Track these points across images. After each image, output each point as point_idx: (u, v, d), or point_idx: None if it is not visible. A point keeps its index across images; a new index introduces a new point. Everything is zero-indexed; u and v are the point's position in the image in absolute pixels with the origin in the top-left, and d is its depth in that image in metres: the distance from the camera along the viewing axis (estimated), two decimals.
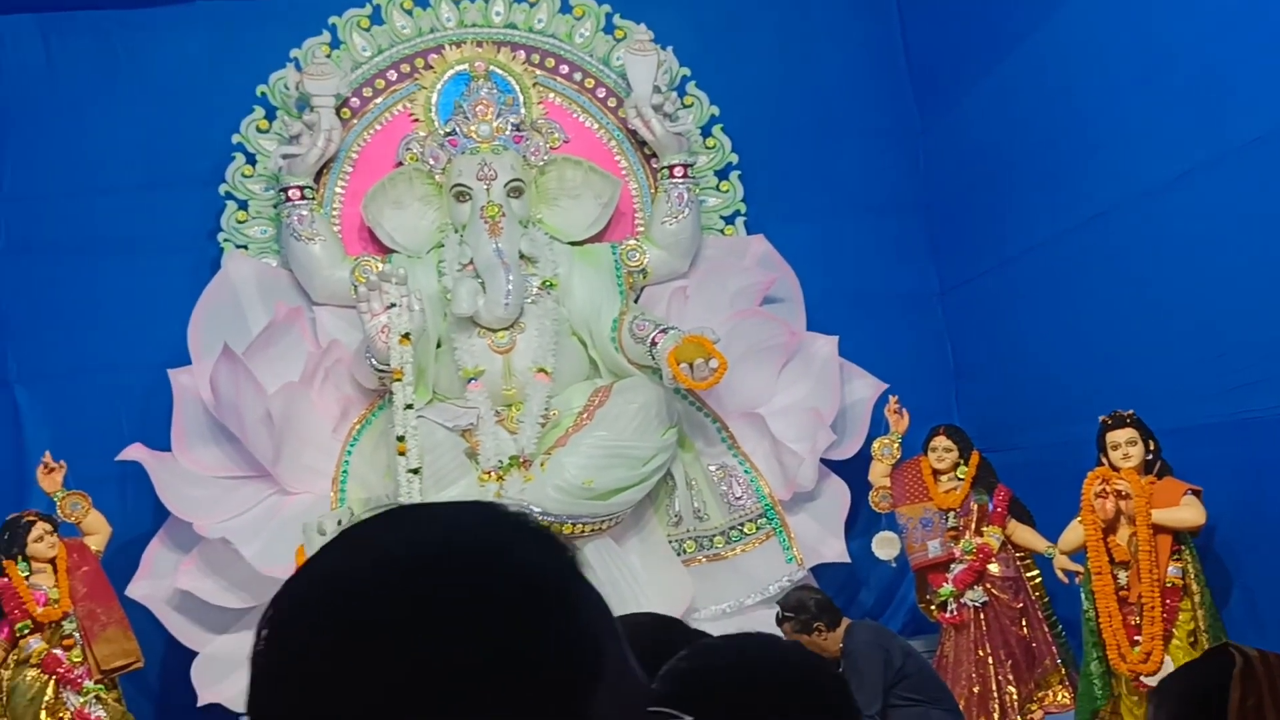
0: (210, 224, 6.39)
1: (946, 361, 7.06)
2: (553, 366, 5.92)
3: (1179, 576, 4.52)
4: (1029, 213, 6.28)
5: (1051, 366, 6.12)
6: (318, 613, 0.79)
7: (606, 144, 6.58)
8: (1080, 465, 5.77)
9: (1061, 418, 6.02)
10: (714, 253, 6.50)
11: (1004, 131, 6.47)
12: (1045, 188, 6.15)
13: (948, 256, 7.06)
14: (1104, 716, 4.71)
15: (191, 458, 5.83)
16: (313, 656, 0.77)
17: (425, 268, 6.09)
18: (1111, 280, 5.65)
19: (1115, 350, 5.60)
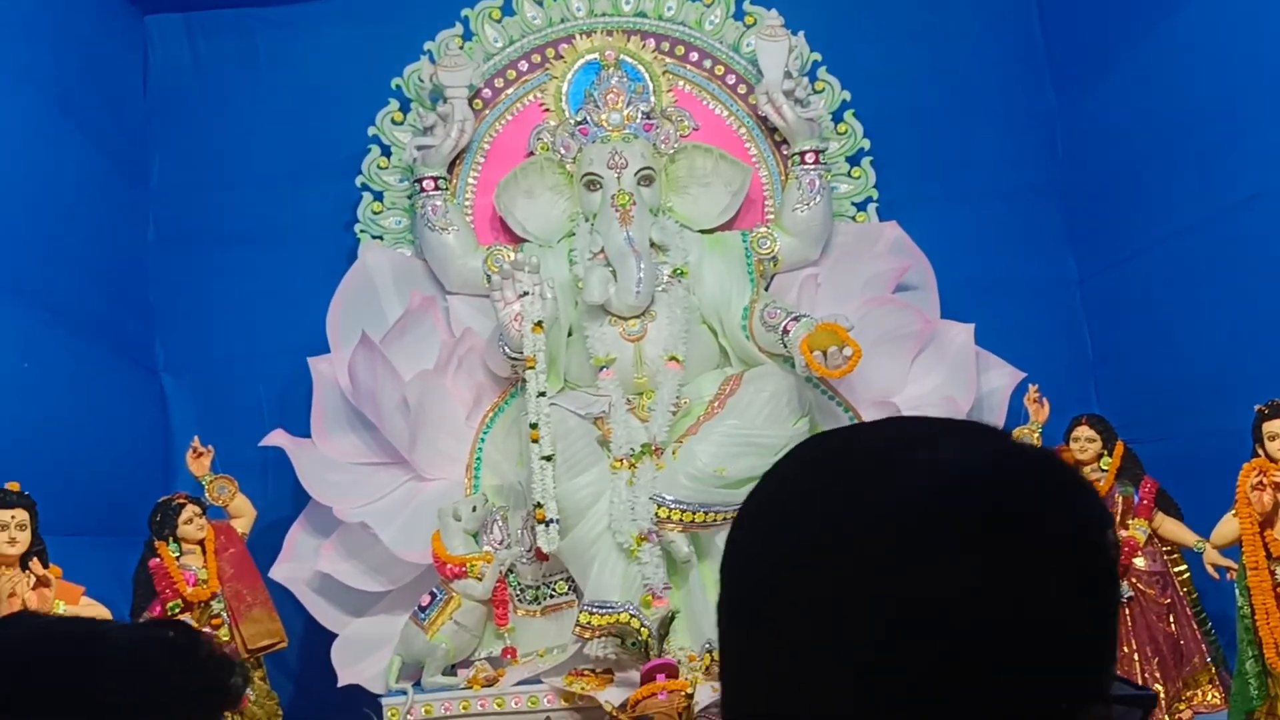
0: (347, 215, 6.51)
1: (1085, 349, 6.88)
2: (684, 354, 5.91)
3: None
4: (1173, 197, 6.08)
5: (1199, 354, 5.92)
6: None
7: (736, 131, 6.54)
8: (1231, 456, 5.57)
9: (1209, 407, 5.82)
10: (845, 239, 6.42)
11: (1146, 113, 6.26)
12: (1191, 171, 5.93)
13: (1086, 242, 6.87)
14: (1259, 718, 4.54)
15: (330, 444, 5.96)
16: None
17: (557, 256, 6.12)
18: (1265, 264, 5.43)
19: (1268, 337, 5.39)
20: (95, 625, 1.06)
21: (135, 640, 1.05)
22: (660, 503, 5.47)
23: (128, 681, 0.98)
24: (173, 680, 1.01)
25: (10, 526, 4.23)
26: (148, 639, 1.05)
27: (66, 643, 1.00)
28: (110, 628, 1.06)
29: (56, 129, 5.63)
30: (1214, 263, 5.82)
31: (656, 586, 5.37)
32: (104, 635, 1.03)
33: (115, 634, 1.04)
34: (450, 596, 5.41)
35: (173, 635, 1.06)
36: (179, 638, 1.06)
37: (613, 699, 5.05)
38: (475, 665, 5.46)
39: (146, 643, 1.05)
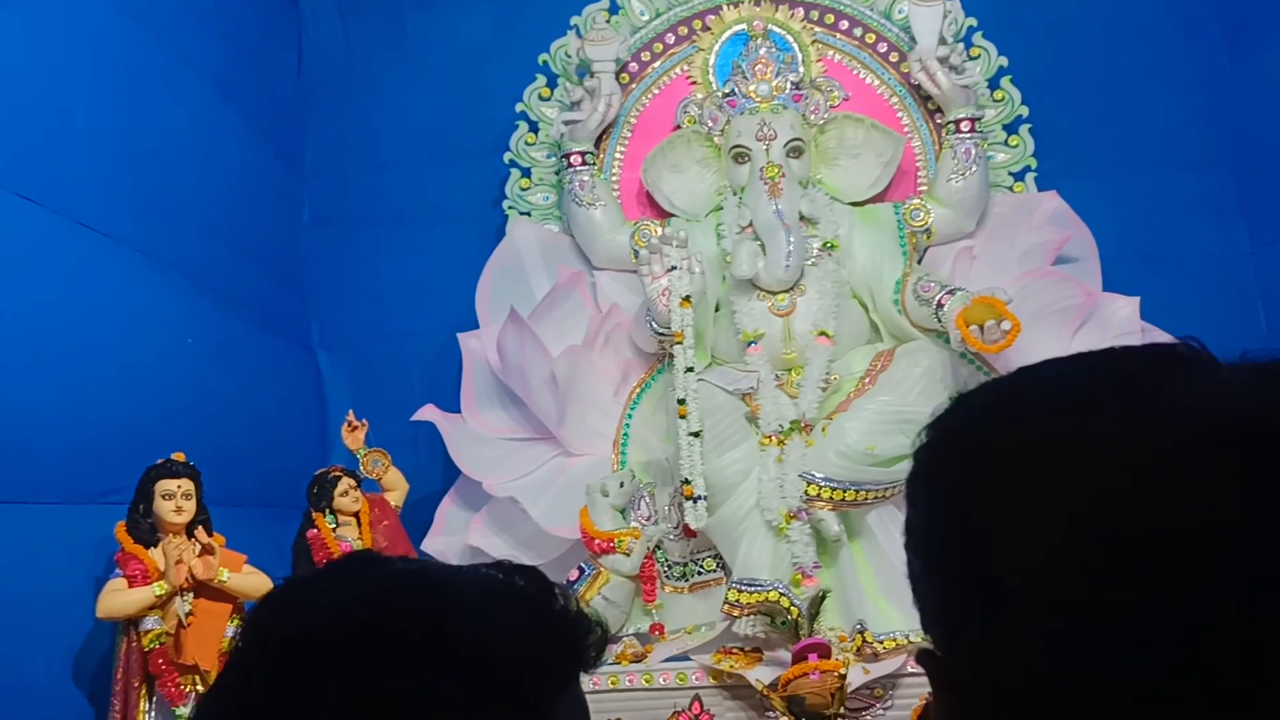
0: (495, 192, 6.55)
1: (1258, 324, 6.51)
2: (834, 329, 5.78)
3: None
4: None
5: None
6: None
7: (888, 100, 6.37)
8: None
9: None
10: (1002, 210, 6.20)
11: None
12: None
13: (1260, 212, 6.50)
14: None
15: (480, 419, 6.01)
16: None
17: (704, 231, 6.05)
18: None
19: None
20: (443, 568, 0.93)
21: (486, 587, 0.90)
22: (810, 480, 5.36)
23: (483, 635, 0.85)
24: (528, 636, 0.86)
25: (177, 495, 4.35)
26: (500, 587, 0.90)
27: (418, 585, 0.88)
28: (454, 571, 0.92)
29: (216, 113, 5.78)
30: None
31: (806, 565, 5.28)
32: (454, 581, 0.90)
33: (462, 580, 0.91)
34: (598, 572, 5.40)
35: (523, 583, 0.91)
36: (530, 586, 0.91)
37: (762, 678, 4.97)
38: (623, 641, 5.44)
39: (500, 590, 0.90)
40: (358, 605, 0.86)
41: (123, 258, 4.77)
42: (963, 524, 0.77)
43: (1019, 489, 0.74)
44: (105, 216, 4.66)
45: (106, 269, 4.64)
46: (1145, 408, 0.73)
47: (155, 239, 5.02)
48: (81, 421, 4.33)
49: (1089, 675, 0.69)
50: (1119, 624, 0.68)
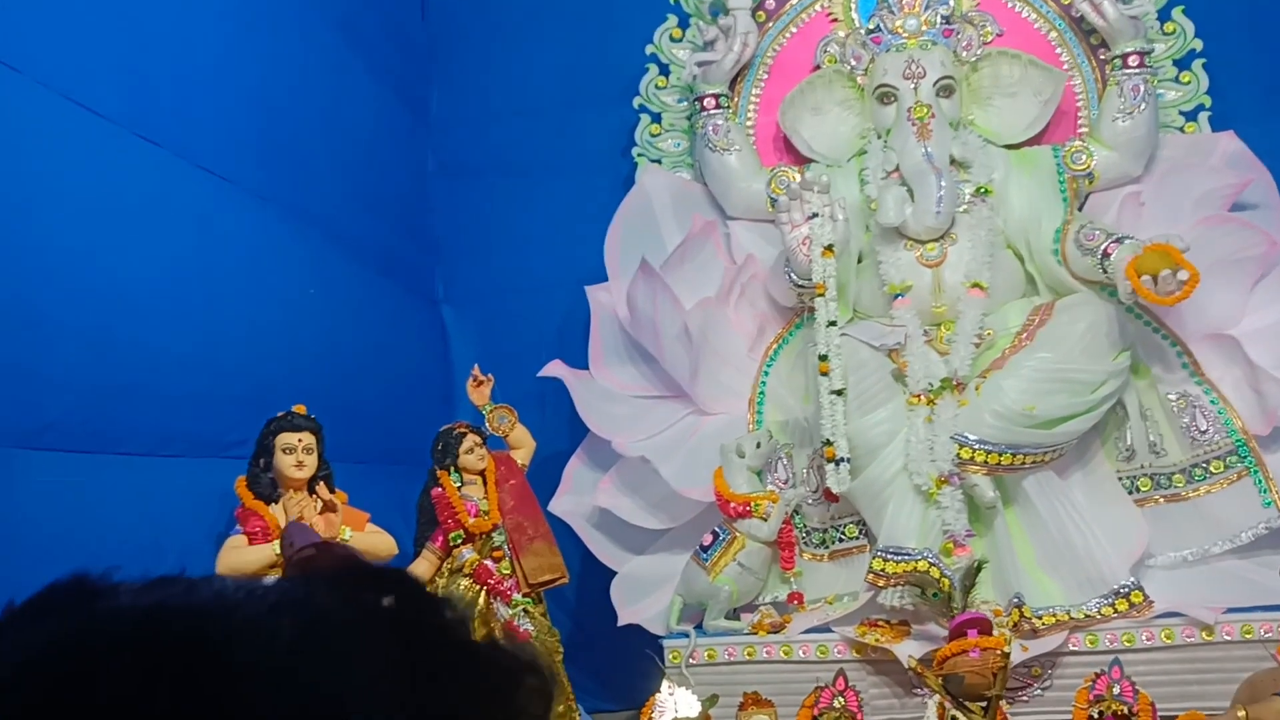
0: (624, 140, 6.27)
1: None
2: (988, 281, 5.39)
3: None
4: None
5: None
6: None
7: (1047, 35, 5.91)
8: None
9: None
10: (1173, 153, 5.71)
11: None
12: None
13: None
14: None
15: (608, 375, 5.77)
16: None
17: (846, 176, 5.69)
18: None
19: None
20: (219, 594, 0.60)
21: (300, 628, 0.56)
22: (963, 442, 5.01)
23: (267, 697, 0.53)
24: (389, 694, 0.54)
25: (298, 450, 4.19)
26: (329, 622, 0.57)
27: (156, 633, 0.56)
28: (240, 602, 0.59)
29: (341, 58, 5.61)
30: None
31: (958, 533, 4.93)
32: (234, 623, 0.57)
33: (250, 616, 0.58)
34: (734, 537, 5.14)
35: (389, 604, 0.58)
36: (406, 609, 0.59)
37: (912, 653, 4.65)
38: (760, 610, 5.18)
39: (327, 628, 0.56)
40: (50, 663, 0.57)
41: (246, 204, 4.61)
42: None
43: None
44: (228, 161, 4.50)
45: (229, 215, 4.48)
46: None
47: (279, 186, 4.86)
48: (204, 372, 4.19)
49: None
50: None
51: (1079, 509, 5.12)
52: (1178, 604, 4.89)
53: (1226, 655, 4.72)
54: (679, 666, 5.01)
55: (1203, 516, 5.14)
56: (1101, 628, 4.85)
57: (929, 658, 4.47)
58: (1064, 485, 5.16)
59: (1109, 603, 4.88)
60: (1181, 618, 4.84)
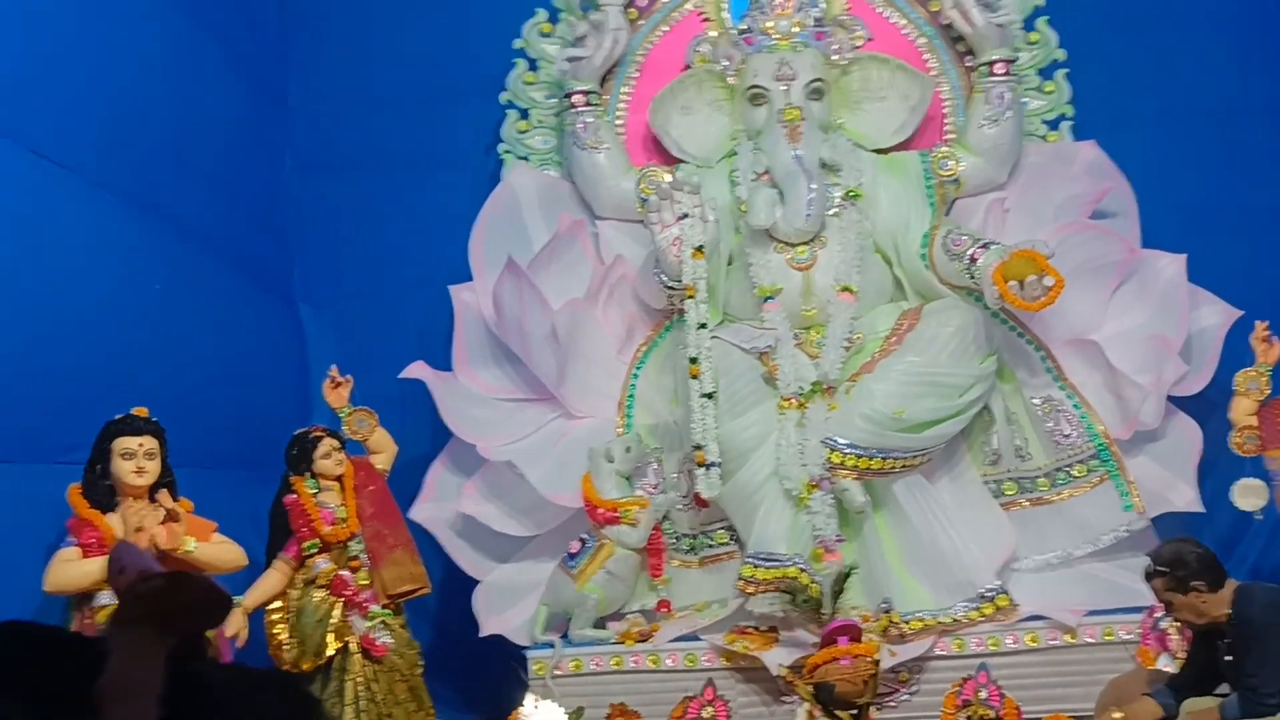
0: (490, 136, 6.09)
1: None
2: (857, 285, 5.37)
3: None
4: None
5: None
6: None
7: (915, 41, 5.93)
8: None
9: None
10: (1036, 160, 5.77)
11: None
12: None
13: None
14: None
15: (473, 377, 5.60)
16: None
17: (717, 177, 5.62)
18: None
19: None
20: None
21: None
22: (833, 446, 4.97)
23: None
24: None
25: (138, 455, 3.93)
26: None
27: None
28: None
29: (192, 42, 5.32)
30: None
31: (828, 538, 4.89)
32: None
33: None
34: (602, 544, 5.02)
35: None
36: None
37: (781, 660, 4.59)
38: (628, 619, 5.07)
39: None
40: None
41: (84, 193, 4.31)
42: None
43: None
44: (65, 147, 4.19)
45: (65, 204, 4.17)
46: None
47: (121, 174, 4.55)
48: (36, 371, 3.88)
49: None
50: None
51: (946, 513, 5.13)
52: (1042, 607, 4.93)
53: (1089, 657, 4.77)
54: (544, 678, 4.86)
55: (1066, 520, 5.20)
56: (968, 632, 4.86)
57: (799, 665, 4.41)
58: (932, 489, 5.17)
59: (975, 607, 4.89)
60: (1045, 621, 4.88)
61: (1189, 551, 3.74)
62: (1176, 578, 3.70)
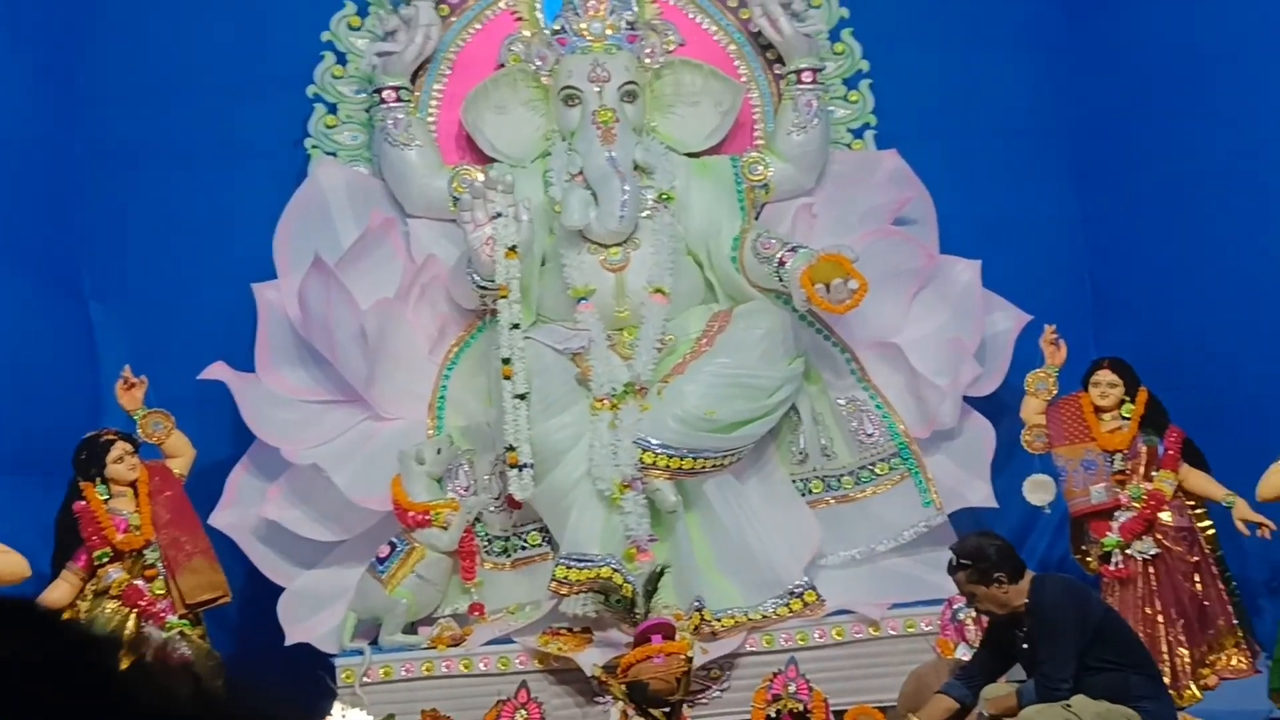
0: (297, 131, 5.91)
1: (1085, 294, 6.49)
2: (670, 287, 5.42)
3: None
4: (1186, 134, 5.71)
5: (1210, 299, 5.57)
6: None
7: (726, 48, 6.02)
8: (1250, 406, 5.25)
9: (1224, 355, 5.49)
10: (842, 168, 5.94)
11: (1159, 47, 5.88)
12: (1205, 107, 5.57)
13: (1091, 180, 6.45)
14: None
15: (277, 378, 5.42)
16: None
17: (530, 177, 5.59)
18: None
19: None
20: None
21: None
22: (645, 447, 5.00)
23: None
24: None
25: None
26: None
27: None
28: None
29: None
30: (1229, 204, 5.48)
31: (641, 538, 4.92)
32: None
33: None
34: (412, 547, 4.92)
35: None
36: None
37: (595, 661, 4.58)
38: (439, 623, 4.98)
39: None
40: None
41: None
42: None
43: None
44: None
45: None
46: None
47: None
48: None
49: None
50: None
51: (755, 512, 5.21)
52: (847, 602, 5.06)
53: (892, 649, 4.92)
54: (352, 686, 4.75)
55: (869, 517, 5.35)
56: (777, 628, 4.95)
57: (612, 665, 4.42)
58: (741, 489, 5.25)
59: (784, 603, 4.98)
60: (851, 615, 5.01)
61: (989, 545, 3.90)
62: (979, 570, 3.85)
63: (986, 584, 3.84)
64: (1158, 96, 5.88)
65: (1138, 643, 4.03)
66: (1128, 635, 3.97)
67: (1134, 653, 3.88)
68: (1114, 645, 3.81)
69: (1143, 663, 3.89)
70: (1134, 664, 3.82)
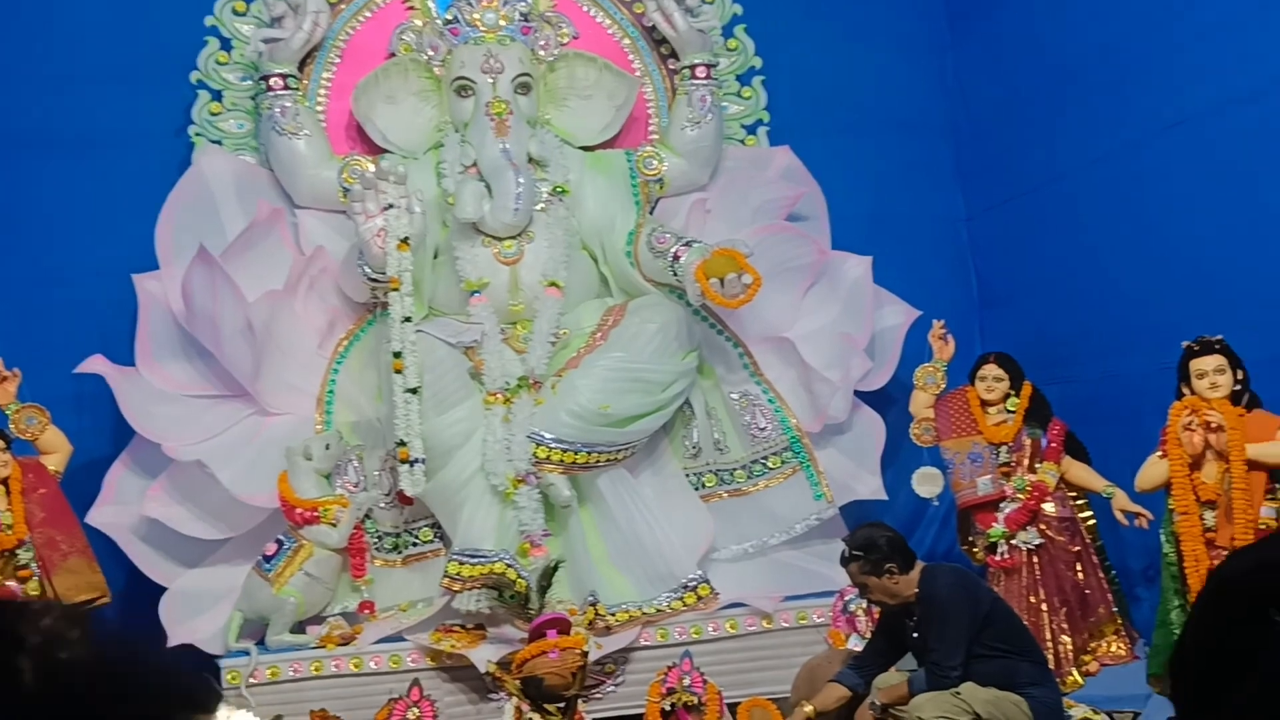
0: (180, 118, 5.75)
1: (971, 290, 6.63)
2: (564, 280, 5.39)
3: (1273, 517, 4.10)
4: (1066, 134, 5.87)
5: (1091, 296, 5.73)
6: None
7: (620, 42, 6.01)
8: (1127, 399, 5.40)
9: (1104, 349, 5.65)
10: (735, 164, 5.97)
11: (1039, 48, 6.02)
12: (1085, 107, 5.72)
13: (975, 178, 6.62)
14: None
15: (159, 373, 5.26)
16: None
17: (423, 169, 5.50)
18: (1162, 203, 5.25)
19: (1165, 278, 5.20)
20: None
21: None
22: (539, 441, 4.96)
23: None
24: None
25: None
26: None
27: None
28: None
29: None
30: (1110, 201, 5.63)
31: (535, 533, 4.88)
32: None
33: None
34: (300, 545, 4.82)
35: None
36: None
37: (489, 657, 4.53)
38: (328, 622, 4.88)
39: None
40: None
41: None
42: None
43: None
44: None
45: None
46: None
47: None
48: None
49: None
50: None
51: (649, 506, 5.21)
52: (740, 595, 5.09)
53: (784, 641, 4.96)
54: (238, 688, 4.63)
55: (761, 510, 5.39)
56: (671, 621, 4.96)
57: (506, 661, 4.38)
58: (635, 483, 5.24)
59: (678, 597, 4.99)
60: (744, 608, 5.04)
61: (881, 536, 3.95)
62: (871, 561, 3.89)
63: (878, 575, 3.88)
64: (1038, 95, 6.02)
65: (1024, 631, 4.12)
66: (1014, 623, 4.05)
67: (1021, 640, 3.96)
68: (1001, 633, 3.88)
69: (1029, 650, 3.97)
70: (1021, 651, 3.90)
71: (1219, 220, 4.90)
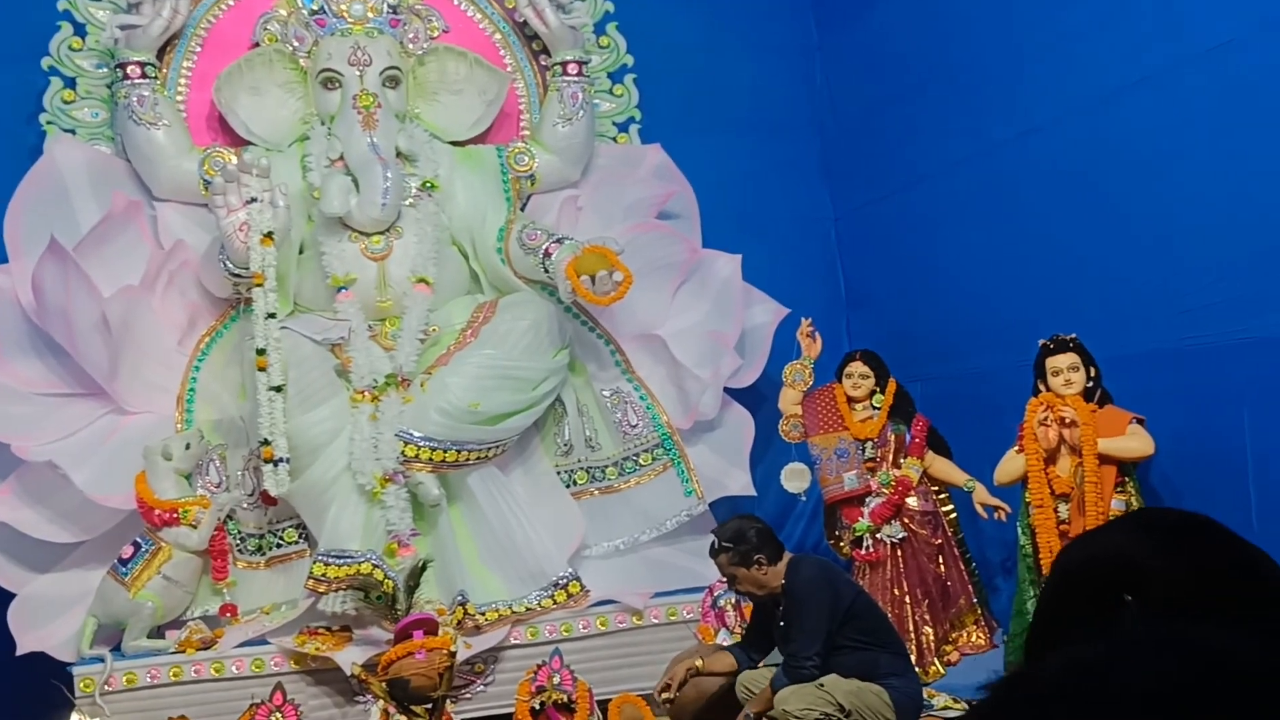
0: (31, 105, 5.53)
1: (838, 289, 6.75)
2: (434, 277, 5.32)
3: (1123, 510, 4.26)
4: (931, 136, 6.00)
5: (953, 295, 5.87)
6: None
7: (491, 36, 5.97)
8: (986, 396, 5.55)
9: (964, 347, 5.79)
10: (607, 161, 5.97)
11: (906, 51, 6.15)
12: (950, 110, 5.86)
13: (842, 179, 6.73)
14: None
15: (8, 370, 5.04)
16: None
17: (288, 161, 5.38)
18: (1022, 206, 5.40)
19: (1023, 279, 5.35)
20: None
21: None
22: (407, 440, 4.90)
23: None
24: None
25: None
26: None
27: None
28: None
29: None
30: (970, 203, 5.77)
31: (402, 533, 4.81)
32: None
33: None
34: (158, 547, 4.68)
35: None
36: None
37: (355, 659, 4.46)
38: (188, 626, 4.75)
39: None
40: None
41: None
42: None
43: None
44: None
45: None
46: None
47: None
48: None
49: None
50: None
51: (520, 504, 5.18)
52: (611, 592, 5.10)
53: (654, 637, 4.98)
54: (92, 696, 4.47)
55: (632, 507, 5.40)
56: (542, 619, 4.94)
57: (373, 663, 4.31)
58: (506, 481, 5.21)
59: (549, 594, 4.97)
60: (615, 605, 5.05)
61: (749, 528, 3.99)
62: (740, 553, 3.93)
63: (747, 566, 3.92)
64: (902, 100, 6.15)
65: (886, 623, 4.21)
66: (877, 616, 4.13)
67: (883, 632, 4.04)
68: (864, 626, 3.96)
69: (891, 642, 4.06)
70: (883, 643, 3.98)
71: (1072, 223, 5.06)
